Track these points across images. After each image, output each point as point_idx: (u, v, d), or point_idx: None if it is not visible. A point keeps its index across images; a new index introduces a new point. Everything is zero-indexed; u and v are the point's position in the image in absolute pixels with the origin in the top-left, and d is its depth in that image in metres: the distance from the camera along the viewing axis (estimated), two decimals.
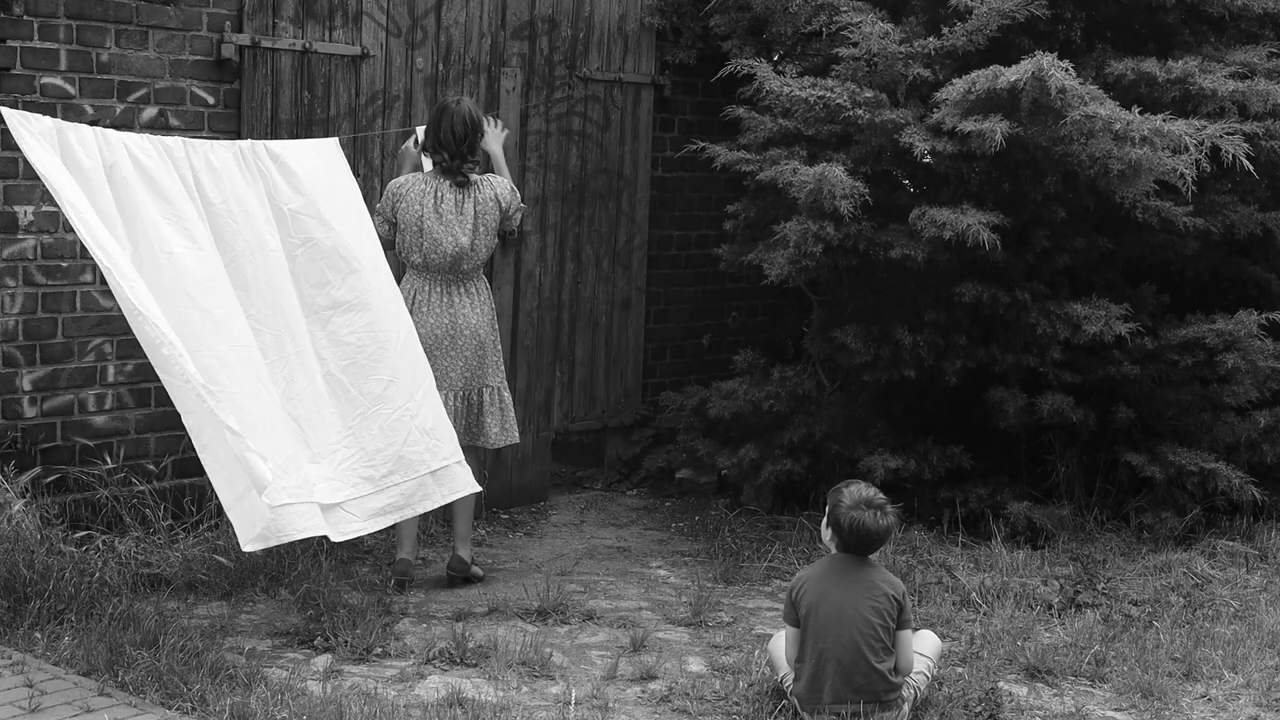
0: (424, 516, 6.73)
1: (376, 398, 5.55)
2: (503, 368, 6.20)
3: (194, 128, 6.10)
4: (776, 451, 6.90)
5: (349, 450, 5.49)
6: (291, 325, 5.44)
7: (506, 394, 6.20)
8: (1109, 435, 6.97)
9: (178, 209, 5.14)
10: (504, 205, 6.04)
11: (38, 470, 5.68)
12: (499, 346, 6.16)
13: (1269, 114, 6.57)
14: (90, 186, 4.93)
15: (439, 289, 6.00)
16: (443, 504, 5.75)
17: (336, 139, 5.79)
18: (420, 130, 6.15)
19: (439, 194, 5.94)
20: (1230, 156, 6.07)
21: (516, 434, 6.25)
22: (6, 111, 4.89)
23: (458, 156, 5.93)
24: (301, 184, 5.54)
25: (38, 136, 4.86)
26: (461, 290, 6.02)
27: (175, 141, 5.27)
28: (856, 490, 4.74)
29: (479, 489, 5.87)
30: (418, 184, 5.97)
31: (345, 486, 5.44)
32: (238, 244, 5.33)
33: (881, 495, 4.76)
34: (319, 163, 5.63)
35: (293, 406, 5.37)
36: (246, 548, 5.03)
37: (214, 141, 5.45)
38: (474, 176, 6.00)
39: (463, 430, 6.02)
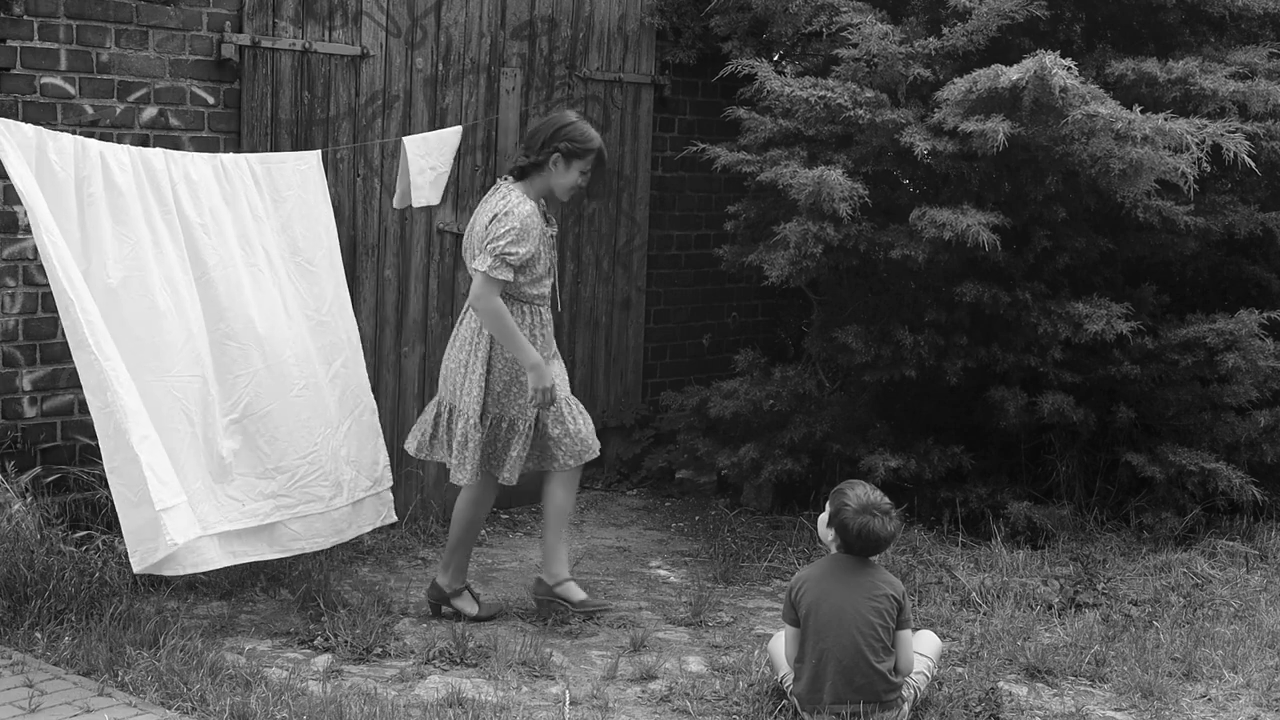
0: (424, 515, 6.75)
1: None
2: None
3: (194, 128, 6.10)
4: (776, 451, 6.90)
5: (310, 466, 5.58)
6: (264, 339, 5.48)
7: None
8: (1109, 435, 6.97)
9: (137, 232, 5.16)
10: None
11: (38, 470, 5.68)
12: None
13: (1269, 114, 6.57)
14: (60, 202, 4.98)
15: (550, 318, 5.60)
16: (360, 533, 5.85)
17: (319, 152, 5.82)
18: (406, 140, 6.07)
19: (543, 213, 5.55)
20: (1232, 155, 6.07)
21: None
22: None
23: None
24: (277, 201, 5.63)
25: (19, 149, 4.89)
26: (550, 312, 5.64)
27: (156, 154, 5.30)
28: (863, 494, 4.73)
29: (394, 519, 5.88)
30: (529, 201, 5.45)
31: (298, 504, 5.55)
32: (210, 259, 5.38)
33: (886, 499, 4.76)
34: (294, 180, 5.68)
35: (252, 423, 5.44)
36: (138, 569, 5.01)
37: (195, 154, 5.49)
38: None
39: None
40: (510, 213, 5.30)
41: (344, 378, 5.77)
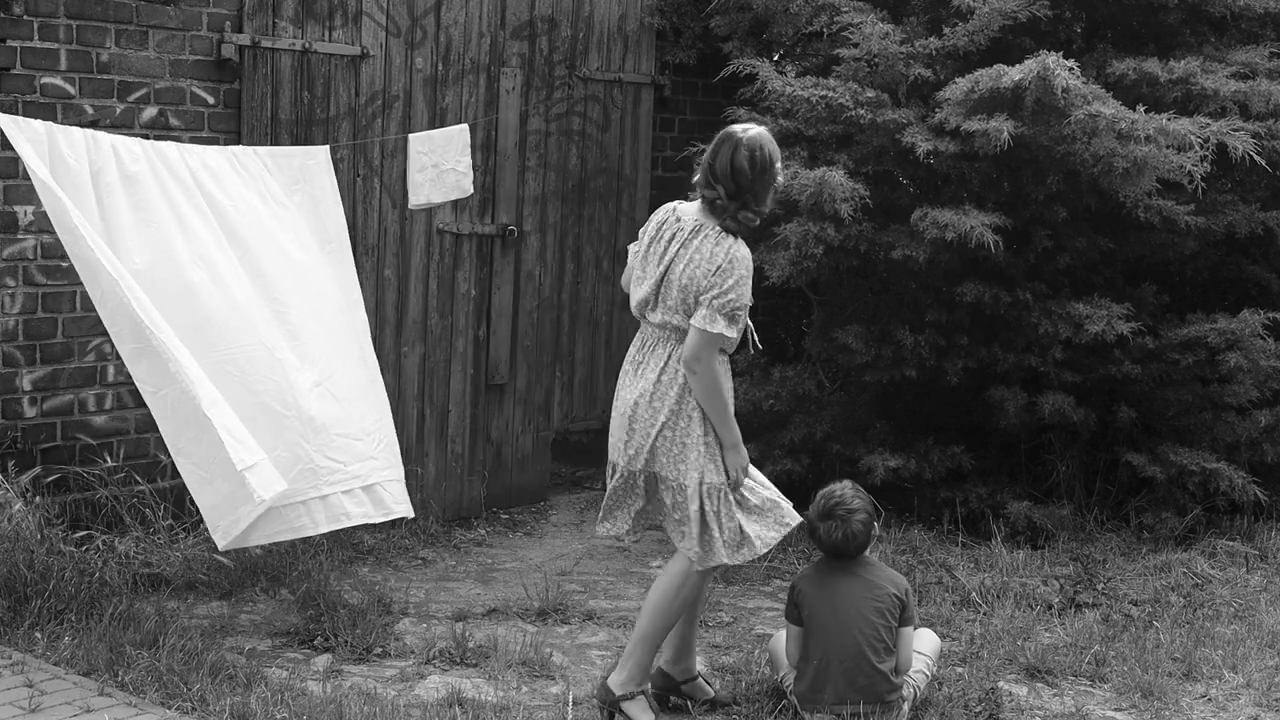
0: (424, 515, 6.74)
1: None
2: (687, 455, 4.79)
3: (194, 128, 6.10)
4: (777, 451, 6.90)
5: (382, 433, 5.53)
6: (319, 309, 5.46)
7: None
8: (1109, 435, 6.97)
9: (159, 216, 5.14)
10: None
11: (38, 470, 5.68)
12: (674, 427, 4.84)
13: (1270, 114, 6.57)
14: (78, 193, 4.97)
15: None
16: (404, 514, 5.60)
17: (327, 147, 5.80)
18: (411, 137, 6.07)
19: None
20: (1239, 153, 6.07)
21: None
22: (1, 117, 4.90)
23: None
24: (287, 193, 5.60)
25: (31, 143, 4.89)
26: None
27: (169, 145, 5.29)
28: (824, 496, 4.76)
29: (410, 513, 5.59)
30: (744, 245, 4.71)
31: (385, 467, 5.48)
32: (249, 236, 5.34)
33: (846, 502, 4.71)
34: (299, 175, 5.65)
35: (333, 385, 5.38)
36: (223, 546, 5.01)
37: (206, 146, 5.47)
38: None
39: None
40: (734, 260, 4.62)
41: (360, 370, 5.72)
